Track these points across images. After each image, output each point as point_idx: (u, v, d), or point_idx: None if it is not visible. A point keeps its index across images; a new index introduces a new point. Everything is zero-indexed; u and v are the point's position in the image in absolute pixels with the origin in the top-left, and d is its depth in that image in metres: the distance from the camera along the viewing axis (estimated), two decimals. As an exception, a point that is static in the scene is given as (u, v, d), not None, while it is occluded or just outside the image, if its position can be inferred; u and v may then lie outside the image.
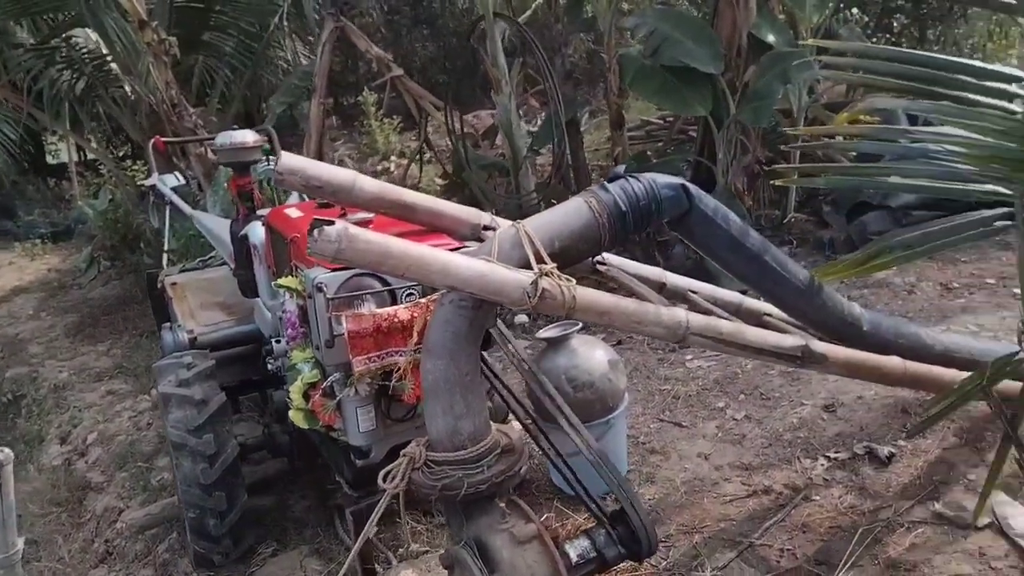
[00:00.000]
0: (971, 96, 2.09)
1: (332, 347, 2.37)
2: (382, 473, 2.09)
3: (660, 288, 2.85)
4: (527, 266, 2.02)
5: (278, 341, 2.91)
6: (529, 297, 1.94)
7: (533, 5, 6.86)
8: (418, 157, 8.38)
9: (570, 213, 2.13)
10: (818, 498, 3.21)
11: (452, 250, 2.36)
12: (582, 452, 2.42)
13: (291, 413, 2.58)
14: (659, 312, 2.15)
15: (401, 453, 2.10)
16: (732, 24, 5.58)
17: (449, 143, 7.24)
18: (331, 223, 1.72)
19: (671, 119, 8.82)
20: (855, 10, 8.13)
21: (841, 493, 3.21)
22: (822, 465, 3.42)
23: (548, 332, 3.47)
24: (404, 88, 7.46)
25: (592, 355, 3.42)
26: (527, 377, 2.61)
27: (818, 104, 6.46)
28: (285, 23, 8.84)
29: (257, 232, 3.36)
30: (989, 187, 2.06)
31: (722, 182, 5.77)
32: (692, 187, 2.24)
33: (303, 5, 8.34)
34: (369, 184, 2.35)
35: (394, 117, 11.40)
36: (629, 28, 6.07)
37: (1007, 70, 2.14)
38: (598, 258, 2.73)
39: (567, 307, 2.01)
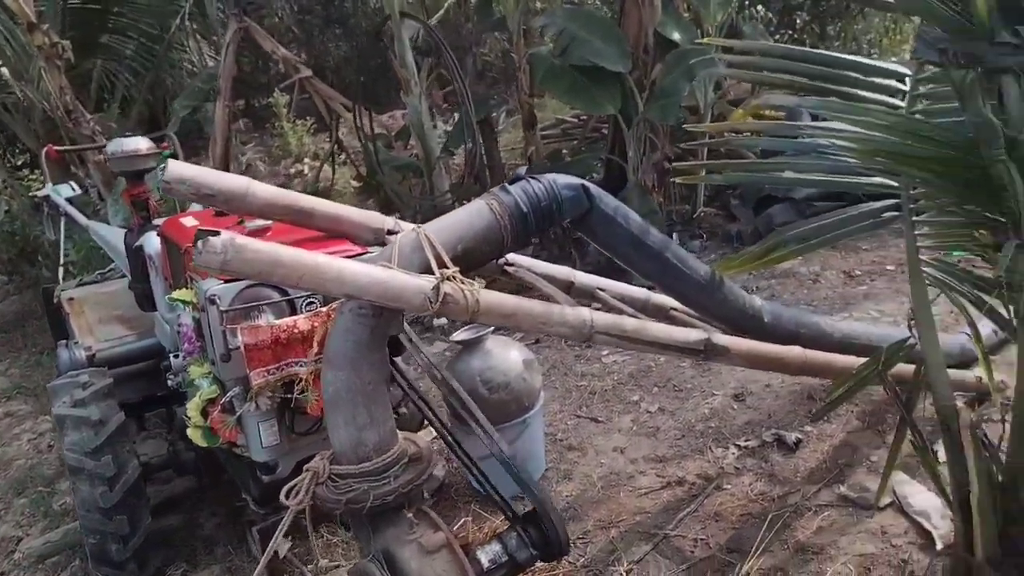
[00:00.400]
0: (859, 92, 2.17)
1: (228, 361, 2.28)
2: (285, 489, 2.03)
3: (569, 287, 2.86)
4: (428, 271, 1.99)
5: (176, 356, 2.80)
6: (431, 303, 1.91)
7: (446, 5, 6.82)
8: (331, 159, 8.22)
9: (472, 215, 2.11)
10: (729, 486, 3.28)
11: (353, 256, 2.31)
12: (494, 455, 2.42)
13: (189, 431, 2.48)
14: (564, 312, 2.14)
15: (304, 468, 2.04)
16: (638, 23, 5.65)
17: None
18: (216, 233, 1.65)
19: (585, 118, 8.90)
20: (760, 7, 8.36)
21: (751, 480, 3.29)
22: (733, 454, 3.50)
23: (462, 334, 3.44)
24: (313, 89, 7.31)
25: (507, 356, 3.42)
26: (437, 382, 2.58)
27: (724, 100, 6.62)
28: (187, 24, 8.56)
29: (152, 243, 3.22)
30: (877, 179, 2.13)
31: (633, 179, 5.85)
32: (592, 187, 2.25)
33: (205, 6, 8.08)
34: (263, 190, 2.28)
35: (307, 118, 11.18)
36: (538, 28, 6.09)
37: (892, 66, 2.22)
38: (505, 259, 2.73)
39: (471, 311, 1.99)
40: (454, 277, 1.96)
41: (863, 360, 2.58)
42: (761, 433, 3.60)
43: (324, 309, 2.35)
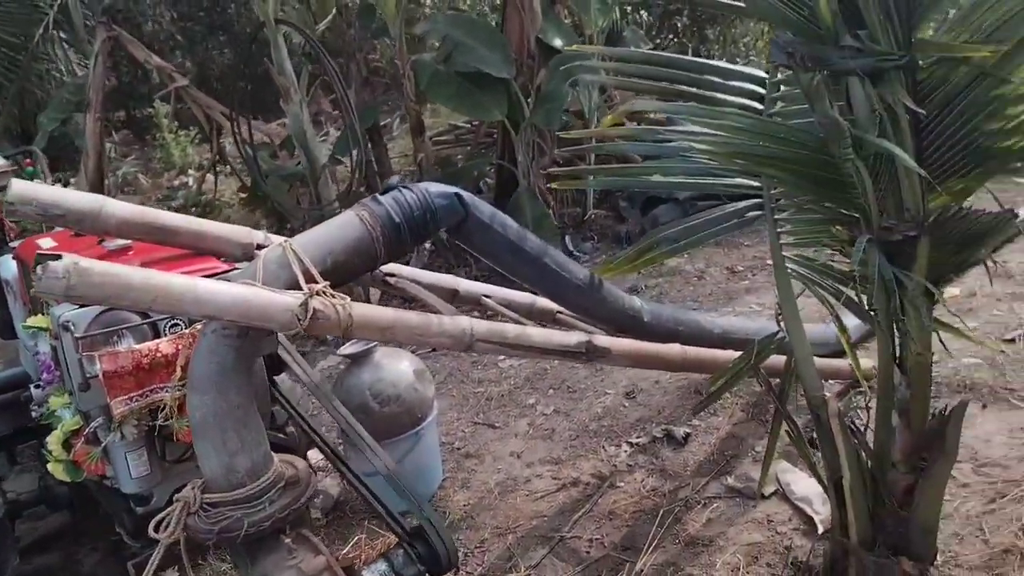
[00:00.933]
0: (721, 96, 2.23)
1: (87, 390, 2.14)
2: (154, 522, 1.92)
3: (453, 295, 2.84)
4: (296, 287, 1.92)
5: (38, 386, 2.62)
6: (299, 320, 1.85)
7: (332, 11, 6.68)
8: (214, 170, 7.93)
9: (342, 228, 2.05)
10: (623, 484, 3.32)
11: (219, 274, 2.22)
12: (379, 471, 2.37)
13: (50, 466, 2.32)
14: (443, 322, 2.11)
15: (175, 498, 1.94)
16: (520, 29, 5.69)
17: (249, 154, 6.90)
18: (58, 257, 1.54)
19: (478, 123, 8.92)
20: (642, 12, 8.58)
21: (643, 477, 3.34)
22: (625, 451, 3.55)
23: (349, 348, 3.36)
24: (191, 98, 7.03)
25: (397, 367, 3.36)
26: (319, 399, 2.51)
27: (608, 105, 6.75)
28: (53, 33, 8.06)
29: (8, 267, 3.01)
30: (739, 180, 2.20)
31: (524, 184, 5.88)
32: (467, 195, 2.23)
33: (71, 13, 7.64)
34: (120, 208, 2.15)
35: (191, 128, 10.76)
36: (420, 34, 6.05)
37: (750, 71, 2.29)
38: (386, 270, 2.68)
39: (343, 326, 1.93)
40: (324, 292, 1.90)
41: (740, 354, 2.65)
42: (652, 429, 3.67)
43: (188, 331, 2.24)
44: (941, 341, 2.18)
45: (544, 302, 3.08)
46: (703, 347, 3.06)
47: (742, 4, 1.97)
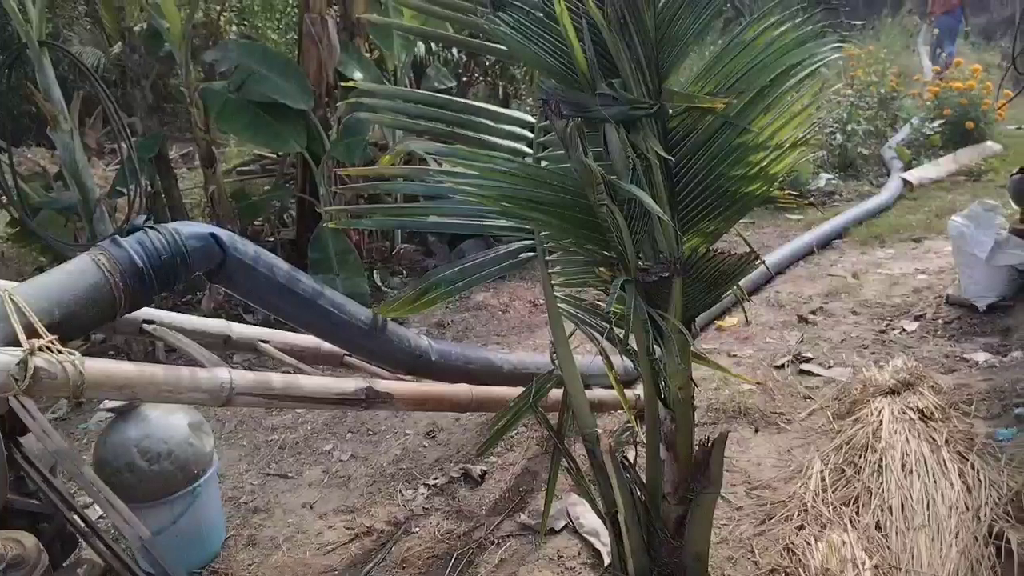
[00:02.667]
0: (492, 139, 2.24)
1: None
2: None
3: (225, 341, 2.65)
4: (16, 342, 1.69)
5: None
6: (16, 381, 1.62)
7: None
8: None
9: (75, 274, 1.84)
10: (418, 529, 3.23)
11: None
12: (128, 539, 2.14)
13: None
14: (196, 376, 1.94)
15: None
16: (317, 61, 5.56)
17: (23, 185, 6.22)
18: None
19: (283, 155, 8.61)
20: (454, 48, 8.65)
21: (439, 520, 3.27)
22: (422, 494, 3.47)
23: (114, 402, 3.05)
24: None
25: (168, 421, 3.08)
26: (60, 462, 2.24)
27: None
28: None
29: None
30: (512, 223, 2.20)
31: (327, 217, 5.71)
32: (225, 235, 2.08)
33: None
34: None
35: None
36: (210, 61, 5.76)
37: (520, 115, 2.32)
38: (145, 316, 2.45)
39: (73, 386, 1.71)
40: (50, 347, 1.68)
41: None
42: (450, 469, 3.62)
43: None
44: (723, 369, 2.30)
45: (331, 346, 2.96)
46: (494, 384, 3.06)
47: (505, 48, 1.98)
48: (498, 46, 2.06)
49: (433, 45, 7.74)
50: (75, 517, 2.26)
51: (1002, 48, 13.49)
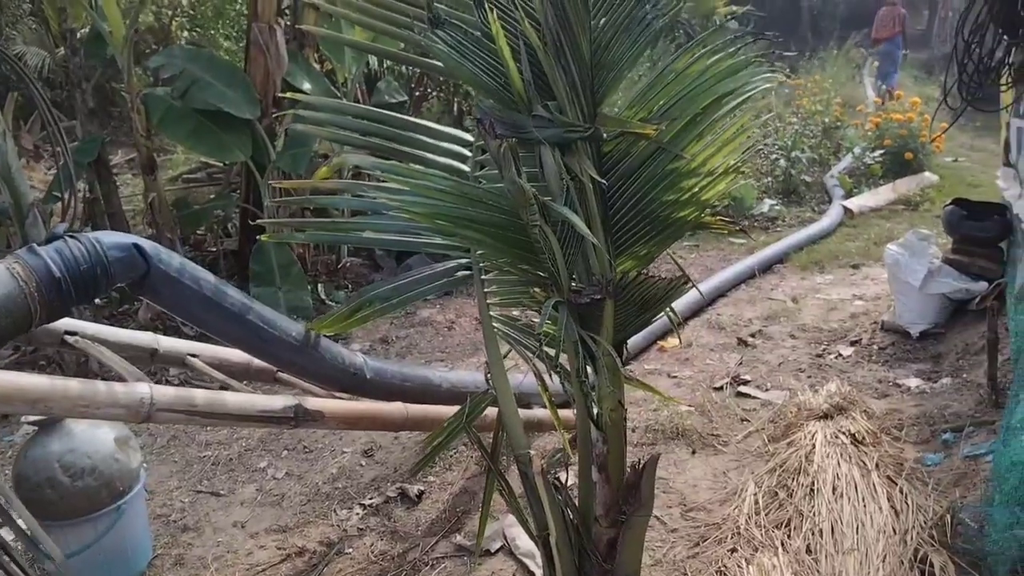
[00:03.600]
0: (430, 156, 2.22)
1: None
2: None
3: (152, 355, 2.57)
4: (-83, 353, 1.61)
5: None
6: (-85, 393, 1.54)
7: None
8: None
9: (-15, 283, 1.76)
10: (351, 550, 3.17)
11: None
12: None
13: None
14: (114, 391, 1.88)
15: None
16: (265, 70, 5.49)
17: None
18: None
19: (229, 163, 8.48)
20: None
21: (373, 540, 3.22)
22: (357, 514, 3.41)
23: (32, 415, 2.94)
24: None
25: (94, 436, 2.98)
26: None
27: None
28: None
29: None
30: (448, 240, 2.18)
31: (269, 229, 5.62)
32: (149, 246, 2.02)
33: None
34: None
35: None
36: (153, 67, 5.64)
37: (459, 133, 2.30)
38: (67, 328, 2.37)
39: (-20, 399, 1.64)
40: (-46, 360, 1.61)
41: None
42: (386, 489, 3.56)
43: None
44: (656, 392, 2.30)
45: (262, 362, 2.90)
46: (432, 403, 3.02)
47: (440, 65, 1.97)
48: (437, 63, 2.05)
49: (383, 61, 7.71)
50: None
51: (941, 82, 14.02)
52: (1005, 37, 3.59)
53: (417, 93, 8.66)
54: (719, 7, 10.70)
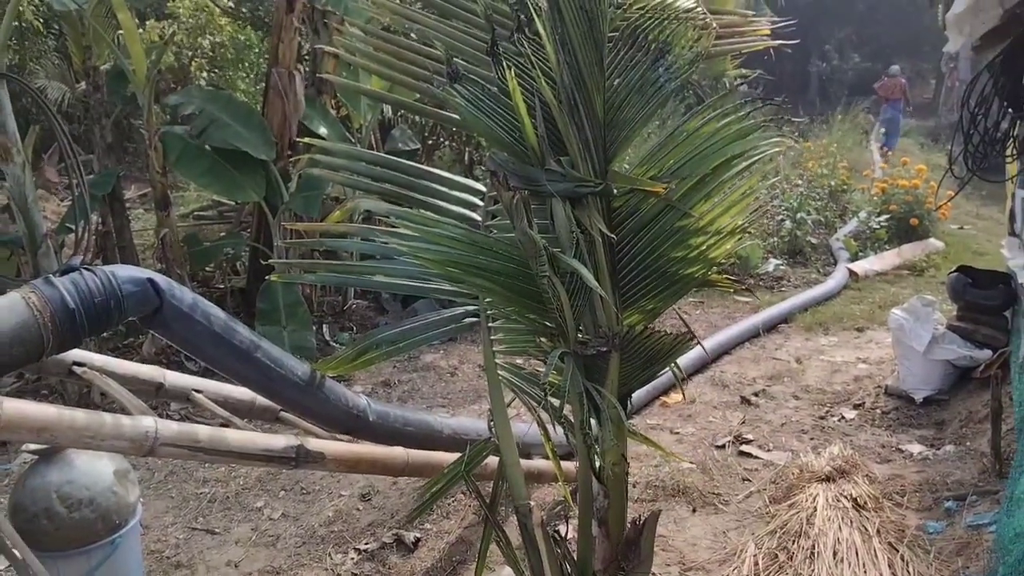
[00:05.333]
0: (443, 204, 2.26)
1: None
2: None
3: (157, 389, 2.58)
4: (-70, 378, 1.63)
5: None
6: (-75, 418, 1.56)
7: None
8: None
9: (1, 311, 1.79)
10: (344, 596, 3.14)
11: None
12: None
13: None
14: (119, 423, 1.89)
15: None
16: (282, 114, 5.60)
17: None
18: None
19: (241, 203, 8.59)
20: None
21: (367, 587, 3.19)
22: (352, 559, 3.38)
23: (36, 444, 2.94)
24: None
25: (93, 467, 2.96)
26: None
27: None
28: None
29: None
30: (453, 287, 2.21)
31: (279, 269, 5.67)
32: (163, 281, 2.05)
33: None
34: None
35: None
36: (172, 105, 5.76)
37: (470, 182, 2.35)
38: (75, 359, 2.39)
39: (-12, 426, 1.66)
40: (-35, 386, 1.63)
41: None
42: (382, 534, 3.53)
43: None
44: (660, 448, 2.30)
45: (266, 400, 2.90)
46: (433, 448, 3.01)
47: (458, 118, 2.02)
48: (454, 116, 2.10)
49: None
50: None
51: (947, 151, 14.24)
52: (1010, 110, 3.66)
53: (430, 142, 8.80)
54: (729, 70, 10.91)
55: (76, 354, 2.35)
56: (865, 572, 2.95)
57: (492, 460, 2.49)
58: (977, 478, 3.60)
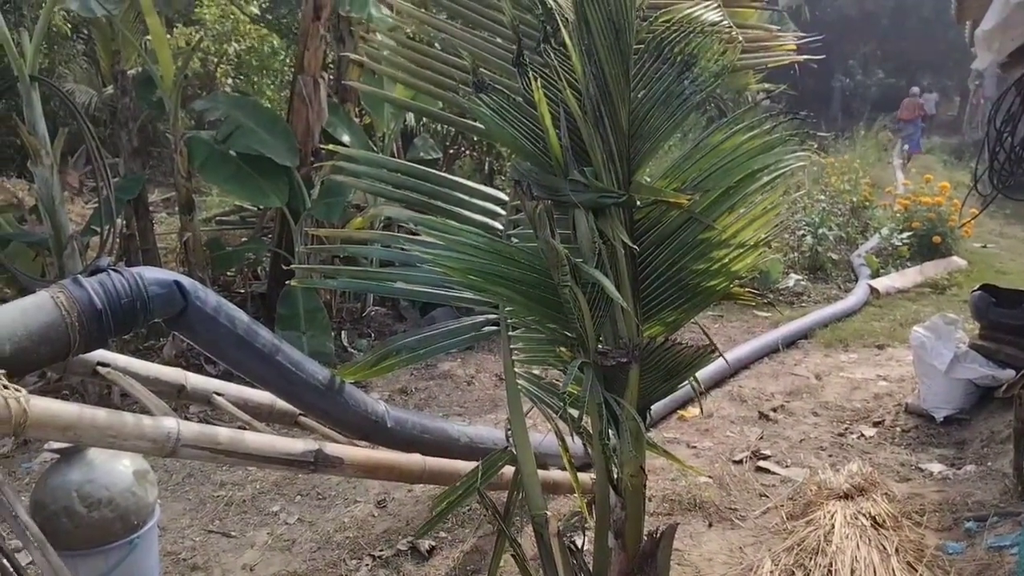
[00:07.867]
0: (465, 212, 2.27)
1: None
2: None
3: (179, 391, 2.61)
4: (-40, 375, 1.66)
5: None
6: (-45, 413, 1.58)
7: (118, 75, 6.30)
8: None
9: (30, 310, 1.82)
10: (358, 602, 3.14)
11: None
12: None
13: None
14: (141, 423, 1.91)
15: None
16: (306, 121, 5.66)
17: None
18: None
19: (264, 208, 8.66)
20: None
21: (381, 594, 3.19)
22: (367, 565, 3.38)
23: (59, 442, 2.97)
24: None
25: (113, 467, 2.99)
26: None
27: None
28: None
29: None
30: (474, 296, 2.21)
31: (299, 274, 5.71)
32: (188, 283, 2.08)
33: None
34: None
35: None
36: (199, 111, 5.83)
37: (493, 192, 2.36)
38: (99, 359, 2.42)
39: (16, 423, 1.68)
40: (-6, 383, 1.65)
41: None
42: (397, 542, 3.54)
43: None
44: (678, 461, 2.29)
45: (286, 404, 2.92)
46: (449, 457, 3.02)
47: (482, 127, 2.04)
48: (478, 125, 2.11)
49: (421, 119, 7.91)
50: (3, 561, 2.17)
51: (971, 168, 14.16)
52: (1037, 128, 3.63)
53: (451, 151, 8.84)
54: (751, 84, 10.90)
55: (101, 354, 2.38)
56: (883, 592, 2.92)
57: (508, 470, 2.49)
58: (998, 499, 3.55)
